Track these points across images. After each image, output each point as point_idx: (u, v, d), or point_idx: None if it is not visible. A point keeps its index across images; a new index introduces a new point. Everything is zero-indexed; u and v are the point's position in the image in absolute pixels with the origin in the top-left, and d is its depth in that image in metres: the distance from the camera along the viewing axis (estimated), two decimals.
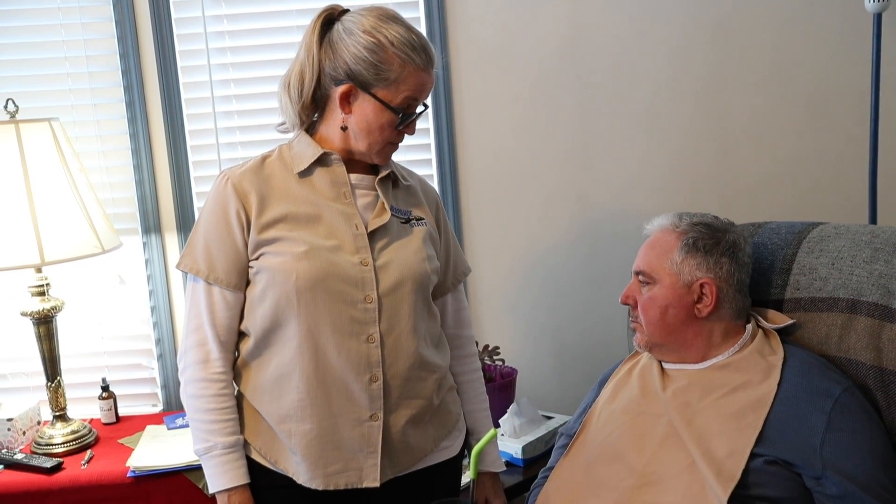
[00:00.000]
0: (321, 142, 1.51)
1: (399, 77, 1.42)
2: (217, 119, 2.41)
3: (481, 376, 1.74)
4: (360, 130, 1.46)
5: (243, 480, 1.48)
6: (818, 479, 1.36)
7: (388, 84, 1.42)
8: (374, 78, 1.42)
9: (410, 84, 1.43)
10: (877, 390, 1.52)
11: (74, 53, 2.37)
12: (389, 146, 1.50)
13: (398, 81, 1.42)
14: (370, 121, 1.45)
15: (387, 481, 1.50)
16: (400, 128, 1.47)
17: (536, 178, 2.47)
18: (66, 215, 2.08)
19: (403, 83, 1.43)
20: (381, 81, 1.42)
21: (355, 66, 1.42)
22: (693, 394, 1.51)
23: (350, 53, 1.42)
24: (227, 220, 1.45)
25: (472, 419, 1.69)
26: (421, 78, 1.44)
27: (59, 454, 2.15)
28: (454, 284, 1.67)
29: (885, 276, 1.54)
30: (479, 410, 1.70)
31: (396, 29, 1.42)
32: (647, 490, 1.44)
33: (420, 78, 1.44)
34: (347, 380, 1.44)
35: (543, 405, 2.41)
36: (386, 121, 1.45)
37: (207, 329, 1.47)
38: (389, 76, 1.42)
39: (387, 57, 1.41)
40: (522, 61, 2.41)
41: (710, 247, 1.57)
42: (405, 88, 1.43)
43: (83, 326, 2.44)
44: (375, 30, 1.41)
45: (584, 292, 2.51)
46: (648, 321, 1.58)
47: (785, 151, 2.43)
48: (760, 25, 2.38)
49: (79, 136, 2.37)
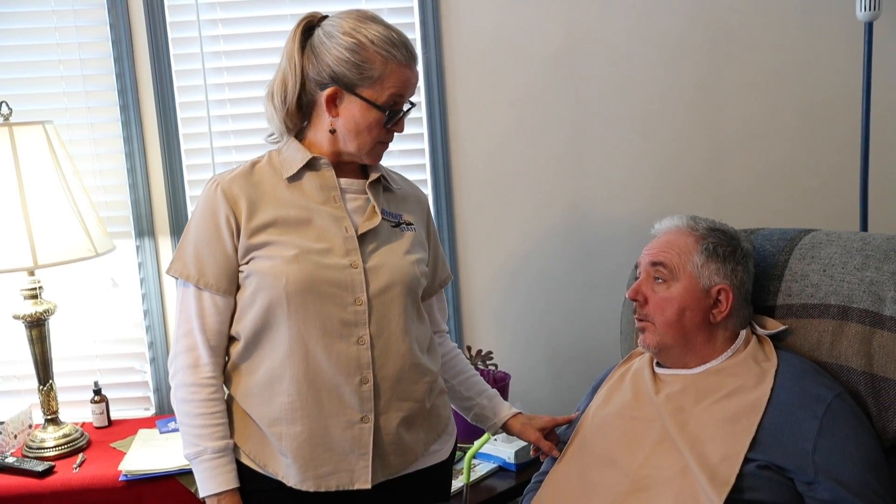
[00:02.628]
0: (310, 147, 1.52)
1: (382, 74, 1.44)
2: (211, 123, 2.41)
3: (469, 364, 1.77)
4: (349, 132, 1.47)
5: (233, 485, 1.49)
6: (810, 483, 1.37)
7: (373, 83, 1.44)
8: (357, 78, 1.44)
9: (394, 80, 1.45)
10: (868, 396, 1.53)
11: (69, 56, 2.36)
12: (379, 146, 1.51)
13: (382, 79, 1.44)
14: (358, 121, 1.46)
15: (377, 484, 1.50)
16: (388, 126, 1.48)
17: (530, 182, 2.48)
18: (60, 218, 2.08)
19: (387, 80, 1.44)
20: (364, 81, 1.44)
21: (338, 68, 1.44)
22: (687, 398, 1.51)
23: (332, 56, 1.44)
24: (217, 225, 1.46)
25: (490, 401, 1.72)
26: (404, 74, 1.45)
27: (50, 458, 2.14)
28: (441, 286, 1.70)
29: (876, 282, 1.56)
30: (474, 383, 1.73)
31: (375, 28, 1.44)
32: (640, 494, 1.44)
33: (403, 74, 1.45)
34: (338, 382, 1.45)
35: (536, 410, 2.39)
36: (373, 120, 1.46)
37: (197, 334, 1.48)
38: (373, 74, 1.43)
39: (368, 56, 1.43)
40: (517, 67, 2.42)
41: (728, 254, 1.58)
42: (389, 85, 1.44)
43: (76, 330, 2.43)
44: (355, 30, 1.43)
45: (578, 297, 2.52)
46: (664, 321, 1.56)
47: (777, 158, 2.45)
48: (754, 33, 2.40)
49: (72, 139, 2.36)
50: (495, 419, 1.71)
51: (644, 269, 1.61)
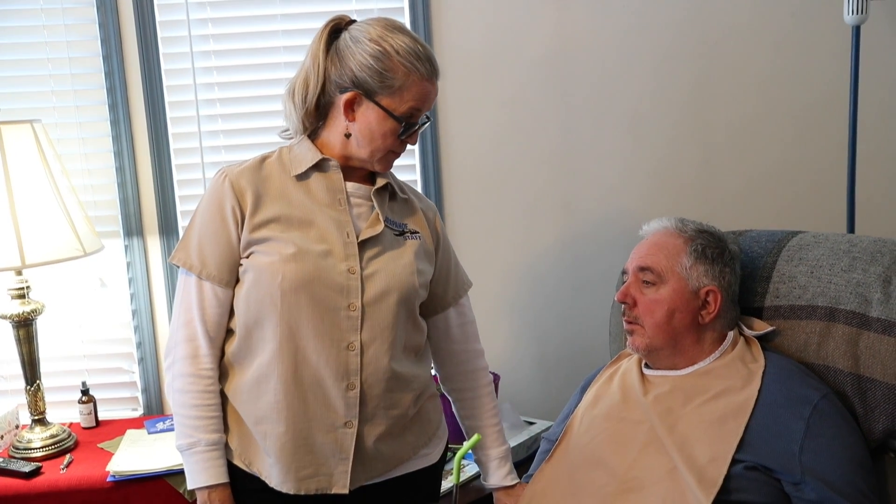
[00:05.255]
0: (322, 147, 1.52)
1: (403, 85, 1.44)
2: (201, 122, 2.40)
3: (492, 391, 1.72)
4: (363, 138, 1.47)
5: (224, 479, 1.49)
6: (797, 484, 1.38)
7: (393, 92, 1.44)
8: (378, 86, 1.44)
9: (414, 93, 1.45)
10: (854, 397, 1.54)
11: (57, 55, 2.35)
12: (391, 154, 1.51)
13: (402, 90, 1.44)
14: (373, 128, 1.46)
15: (364, 487, 1.51)
16: (402, 137, 1.48)
17: (521, 183, 2.48)
18: (48, 218, 2.07)
19: (407, 92, 1.44)
20: (385, 89, 1.44)
21: (361, 73, 1.44)
22: (675, 400, 1.52)
23: (356, 61, 1.44)
24: (223, 216, 1.46)
25: (482, 435, 1.68)
26: (424, 87, 1.46)
27: (37, 458, 2.12)
28: (455, 299, 1.67)
29: (863, 284, 1.57)
30: (488, 426, 1.69)
31: (402, 39, 1.44)
32: (628, 496, 1.45)
33: (423, 87, 1.46)
34: (325, 385, 1.45)
35: (525, 411, 2.42)
36: (389, 129, 1.46)
37: (198, 324, 1.48)
38: (394, 84, 1.43)
39: (392, 65, 1.43)
40: (507, 68, 2.43)
41: (716, 256, 1.59)
42: (409, 97, 1.45)
43: (63, 330, 2.42)
44: (382, 38, 1.43)
45: (568, 298, 2.52)
46: (654, 323, 1.57)
47: (766, 160, 2.46)
48: (743, 36, 2.41)
49: (61, 139, 2.35)
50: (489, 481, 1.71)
51: (632, 273, 1.62)
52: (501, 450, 1.69)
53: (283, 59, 2.39)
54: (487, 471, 1.70)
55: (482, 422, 1.70)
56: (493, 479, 1.69)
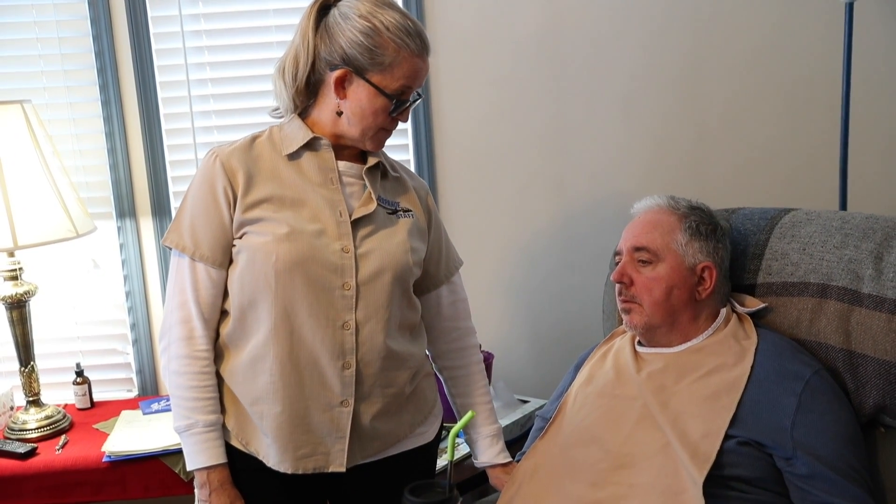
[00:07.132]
0: (312, 126, 1.51)
1: (393, 62, 1.43)
2: (192, 102, 2.39)
3: (482, 369, 1.73)
4: (354, 115, 1.46)
5: (223, 459, 1.49)
6: (788, 459, 1.40)
7: (383, 69, 1.43)
8: (368, 63, 1.43)
9: (405, 69, 1.44)
10: (845, 373, 1.55)
11: (46, 35, 2.33)
12: (382, 132, 1.50)
13: (392, 66, 1.43)
14: (364, 106, 1.45)
15: (361, 465, 1.52)
16: (394, 114, 1.47)
17: (513, 163, 2.48)
18: (40, 199, 2.06)
19: (398, 68, 1.43)
20: (375, 66, 1.43)
21: (350, 50, 1.43)
22: (668, 376, 1.53)
23: (346, 38, 1.43)
24: (215, 196, 1.45)
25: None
26: (415, 64, 1.45)
27: (32, 440, 2.13)
28: (447, 277, 1.67)
29: (855, 261, 1.58)
30: (479, 404, 1.70)
31: (392, 14, 1.43)
32: (622, 471, 1.46)
33: (414, 63, 1.44)
34: (321, 364, 1.45)
35: (519, 389, 2.43)
36: (380, 106, 1.45)
37: (192, 306, 1.47)
38: (384, 61, 1.42)
39: (382, 41, 1.42)
40: (499, 46, 2.41)
41: (710, 232, 1.61)
42: (400, 74, 1.44)
43: (57, 311, 2.42)
44: (371, 14, 1.42)
45: (561, 277, 2.53)
46: (653, 301, 1.57)
47: (759, 139, 2.46)
48: (736, 14, 2.40)
49: (52, 119, 2.34)
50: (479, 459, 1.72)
51: (627, 253, 1.62)
52: (493, 428, 1.70)
53: (274, 39, 2.38)
54: (479, 449, 1.70)
55: (473, 399, 1.70)
56: (484, 457, 1.70)
